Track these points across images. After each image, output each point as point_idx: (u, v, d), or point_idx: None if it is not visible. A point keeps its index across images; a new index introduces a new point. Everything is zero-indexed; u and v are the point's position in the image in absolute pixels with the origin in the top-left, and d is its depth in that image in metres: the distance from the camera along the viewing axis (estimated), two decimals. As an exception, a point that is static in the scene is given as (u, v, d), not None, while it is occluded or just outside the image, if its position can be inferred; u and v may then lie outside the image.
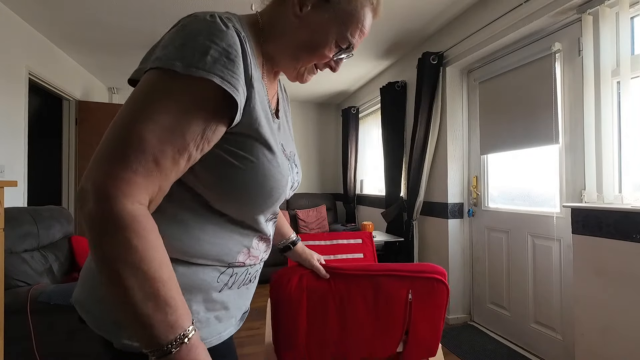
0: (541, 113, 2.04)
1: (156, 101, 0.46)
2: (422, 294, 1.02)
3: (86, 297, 0.58)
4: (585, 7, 1.75)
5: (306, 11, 0.59)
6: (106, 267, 0.43)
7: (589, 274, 1.55)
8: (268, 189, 0.57)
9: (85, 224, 0.43)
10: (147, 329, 0.43)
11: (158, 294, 0.44)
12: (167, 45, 0.48)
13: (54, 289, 1.68)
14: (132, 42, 2.99)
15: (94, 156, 0.45)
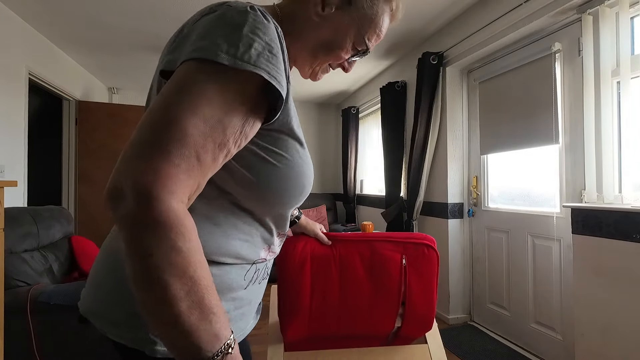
0: (541, 113, 2.04)
1: (199, 94, 0.42)
2: (414, 258, 1.10)
3: (107, 306, 0.55)
4: (585, 7, 1.75)
5: (328, 12, 0.59)
6: (149, 275, 0.38)
7: (589, 274, 1.55)
8: (301, 185, 0.56)
9: (123, 225, 0.39)
10: (192, 341, 0.39)
11: (203, 301, 0.40)
12: (206, 35, 0.45)
13: (54, 289, 1.68)
14: (132, 42, 2.99)
15: (127, 152, 0.40)
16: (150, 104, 0.44)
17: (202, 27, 0.46)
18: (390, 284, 1.10)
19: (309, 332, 1.11)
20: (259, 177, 0.52)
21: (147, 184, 0.38)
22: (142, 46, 3.08)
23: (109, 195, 0.40)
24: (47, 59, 2.93)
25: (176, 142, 0.40)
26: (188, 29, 0.49)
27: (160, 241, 0.38)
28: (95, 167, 3.56)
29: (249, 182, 0.52)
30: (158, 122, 0.41)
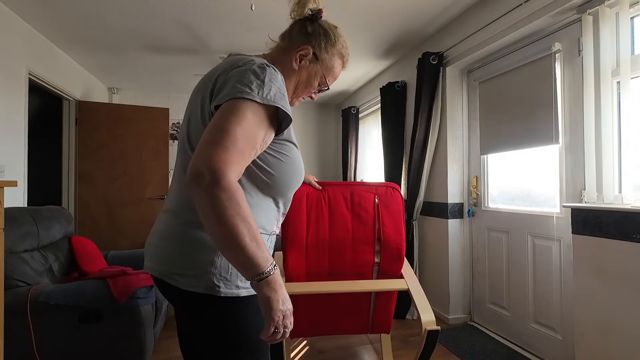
0: (541, 113, 2.04)
1: (243, 117, 0.67)
2: (384, 197, 1.47)
3: (180, 266, 0.75)
4: (585, 7, 1.75)
5: (304, 64, 0.89)
6: (227, 220, 0.62)
7: (589, 274, 1.55)
8: (299, 174, 0.84)
9: (206, 194, 0.61)
10: (254, 262, 0.64)
11: (257, 237, 0.65)
12: (242, 82, 0.70)
13: (54, 289, 1.68)
14: (132, 42, 2.99)
15: (201, 149, 0.63)
16: (211, 123, 0.68)
17: (237, 76, 0.72)
18: (367, 218, 1.43)
19: (306, 266, 1.38)
20: (275, 170, 0.79)
21: (217, 166, 0.61)
22: (142, 46, 3.08)
23: (193, 176, 0.61)
24: (47, 59, 2.93)
25: (231, 143, 0.64)
26: (224, 77, 0.74)
27: (231, 199, 0.62)
28: (95, 167, 3.56)
29: (270, 174, 0.78)
30: (220, 132, 0.65)
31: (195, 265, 0.74)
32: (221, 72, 0.76)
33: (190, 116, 0.80)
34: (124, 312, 1.71)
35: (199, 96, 0.79)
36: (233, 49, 3.15)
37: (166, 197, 0.87)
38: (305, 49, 0.88)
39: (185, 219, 0.77)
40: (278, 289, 0.67)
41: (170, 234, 0.78)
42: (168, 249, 0.77)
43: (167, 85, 4.33)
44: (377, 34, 2.86)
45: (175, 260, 0.76)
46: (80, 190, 3.51)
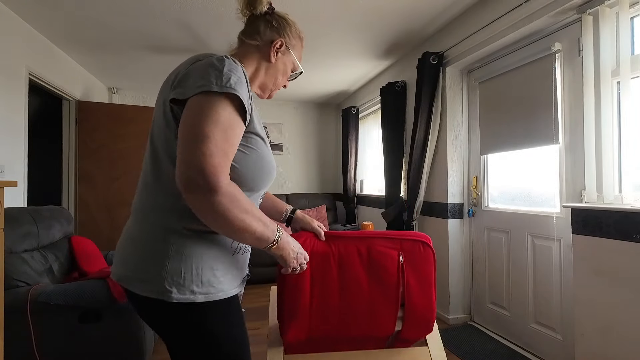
0: (541, 113, 2.04)
1: (217, 117, 0.68)
2: (411, 255, 1.12)
3: (136, 270, 0.74)
4: (585, 7, 1.75)
5: (279, 56, 0.94)
6: (235, 217, 0.67)
7: (589, 274, 1.55)
8: (267, 169, 0.82)
9: (205, 200, 0.64)
10: (264, 238, 0.74)
11: (261, 218, 0.73)
12: (201, 76, 0.70)
13: (54, 289, 1.68)
14: (132, 42, 2.99)
15: (187, 158, 0.64)
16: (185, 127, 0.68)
17: (197, 71, 0.72)
18: (389, 281, 1.10)
19: (309, 333, 1.10)
20: (239, 163, 0.75)
21: (209, 172, 0.63)
22: (142, 46, 3.08)
23: (188, 187, 0.64)
24: (47, 59, 2.93)
25: (215, 146, 0.65)
26: (184, 71, 0.74)
27: (232, 201, 0.66)
28: (95, 167, 3.56)
29: (234, 168, 0.74)
30: (199, 137, 0.65)
31: (148, 269, 0.73)
32: (182, 67, 0.76)
33: (154, 117, 0.81)
34: (124, 312, 1.71)
35: (160, 98, 0.79)
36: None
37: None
38: (280, 42, 0.92)
39: (140, 223, 0.77)
40: (286, 247, 0.83)
41: (131, 235, 0.78)
42: (126, 251, 0.77)
43: (167, 85, 4.33)
44: (377, 34, 2.86)
45: (132, 263, 0.75)
46: (80, 190, 3.51)
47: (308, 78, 4.04)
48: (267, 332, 1.24)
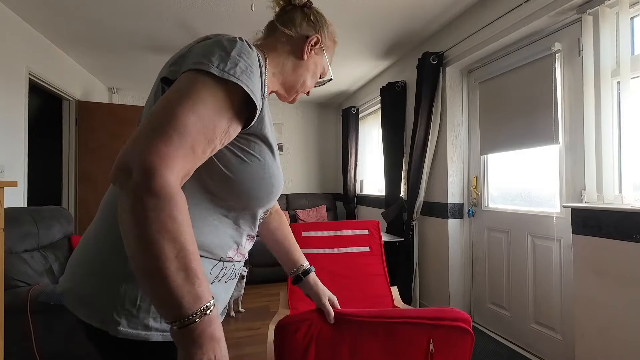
0: (541, 113, 2.04)
1: (196, 97, 0.52)
2: (444, 344, 0.90)
3: (81, 287, 0.59)
4: (585, 7, 1.75)
5: (312, 54, 0.79)
6: (146, 237, 0.45)
7: (589, 274, 1.55)
8: (270, 184, 0.65)
9: (129, 195, 0.46)
10: (176, 299, 0.46)
11: (190, 265, 0.47)
12: (203, 54, 0.56)
13: (54, 289, 1.68)
14: (132, 42, 2.99)
15: (136, 136, 0.48)
16: (156, 103, 0.53)
17: (200, 49, 0.58)
18: None
19: None
20: (235, 173, 0.61)
21: (152, 162, 0.46)
22: (142, 46, 3.08)
23: (118, 170, 0.46)
24: (47, 59, 2.93)
25: (177, 133, 0.48)
26: (186, 50, 0.60)
27: (160, 209, 0.45)
28: (95, 167, 3.56)
29: (227, 178, 0.60)
30: (164, 116, 0.50)
31: (94, 290, 0.58)
32: (185, 47, 0.62)
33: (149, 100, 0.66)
34: (124, 312, 1.71)
35: (155, 83, 0.64)
36: (233, 49, 3.15)
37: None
38: (316, 38, 0.78)
39: (104, 224, 0.61)
40: (206, 343, 0.48)
41: (84, 245, 0.63)
42: (77, 264, 0.62)
43: (167, 85, 4.33)
44: (377, 34, 2.86)
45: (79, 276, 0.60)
46: (80, 190, 3.51)
47: (308, 78, 4.04)
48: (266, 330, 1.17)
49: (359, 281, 1.80)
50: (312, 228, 1.88)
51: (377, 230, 1.91)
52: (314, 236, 1.86)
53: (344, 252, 1.85)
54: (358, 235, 1.89)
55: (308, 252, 1.83)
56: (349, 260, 1.84)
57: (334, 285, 1.76)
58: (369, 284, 1.79)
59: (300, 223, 1.90)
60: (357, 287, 1.78)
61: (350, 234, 1.89)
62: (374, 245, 1.88)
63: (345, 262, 1.83)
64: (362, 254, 1.86)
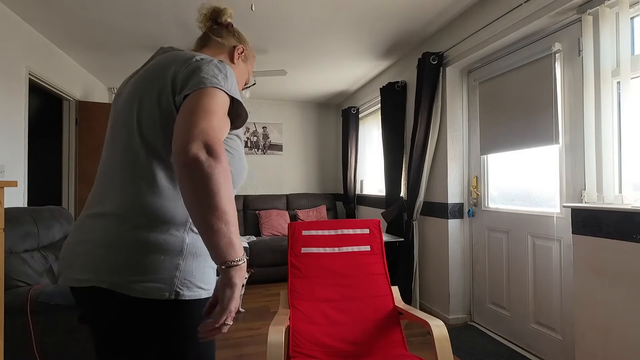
0: (541, 113, 2.04)
1: (222, 104, 0.72)
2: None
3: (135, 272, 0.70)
4: (585, 7, 1.75)
5: (239, 61, 1.02)
6: (221, 199, 0.63)
7: (589, 274, 1.55)
8: (244, 170, 0.89)
9: (203, 172, 0.62)
10: (235, 246, 0.66)
11: (236, 223, 0.67)
12: (210, 74, 0.74)
13: (54, 289, 1.68)
14: (132, 42, 2.99)
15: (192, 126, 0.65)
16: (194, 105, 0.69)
17: (203, 67, 0.75)
18: None
19: None
20: (230, 165, 0.78)
21: (215, 143, 0.65)
22: (142, 46, 3.08)
23: (191, 154, 0.62)
24: (47, 59, 2.93)
25: (218, 124, 0.69)
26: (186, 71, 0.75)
27: (227, 179, 0.65)
28: (95, 167, 3.56)
29: None
30: (209, 113, 0.68)
31: (157, 270, 0.70)
32: (177, 65, 0.77)
33: (141, 105, 0.76)
34: (124, 312, 1.71)
35: (152, 86, 0.77)
36: (233, 49, 3.15)
37: (95, 198, 0.78)
38: (241, 48, 1.00)
39: (135, 223, 0.71)
40: (237, 275, 0.67)
41: (119, 240, 0.70)
42: (119, 257, 0.70)
43: (167, 85, 4.33)
44: (377, 34, 2.86)
45: (129, 267, 0.69)
46: (80, 190, 3.51)
47: (308, 78, 4.04)
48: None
49: (360, 280, 1.80)
50: (313, 227, 1.88)
51: (377, 229, 1.91)
52: (314, 235, 1.86)
53: (344, 252, 1.85)
54: (359, 234, 1.89)
55: (309, 251, 1.84)
56: (350, 259, 1.85)
57: (335, 284, 1.77)
58: (370, 284, 1.80)
59: (300, 222, 1.90)
60: (358, 286, 1.78)
61: (351, 233, 1.89)
62: (375, 244, 1.88)
63: (346, 261, 1.84)
64: (363, 253, 1.86)
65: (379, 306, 1.73)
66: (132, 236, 0.70)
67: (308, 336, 1.58)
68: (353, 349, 1.57)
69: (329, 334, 1.60)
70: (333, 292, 1.76)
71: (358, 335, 1.63)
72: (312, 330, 1.61)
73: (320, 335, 1.59)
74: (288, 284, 1.78)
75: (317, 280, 1.78)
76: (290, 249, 1.84)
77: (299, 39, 2.94)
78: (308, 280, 1.78)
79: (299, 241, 1.85)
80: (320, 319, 1.66)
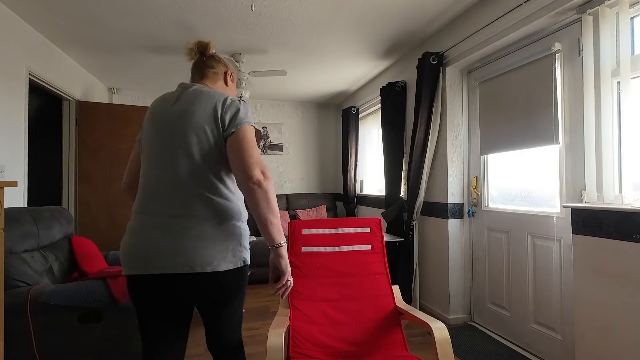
0: (541, 113, 2.04)
1: (254, 139, 1.09)
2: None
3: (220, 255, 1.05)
4: (585, 7, 1.75)
5: (231, 84, 1.31)
6: (274, 207, 1.04)
7: (589, 274, 1.55)
8: None
9: (264, 191, 1.02)
10: (282, 233, 1.08)
11: (280, 221, 1.08)
12: (244, 114, 1.10)
13: (54, 289, 1.68)
14: (132, 42, 2.99)
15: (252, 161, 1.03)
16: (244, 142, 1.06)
17: (239, 109, 1.10)
18: None
19: None
20: None
21: (265, 172, 1.04)
22: (142, 46, 3.08)
23: (257, 176, 1.01)
24: (47, 59, 2.93)
25: (258, 153, 1.05)
26: (225, 109, 1.09)
27: (274, 193, 1.03)
28: (95, 167, 3.56)
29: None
30: (254, 150, 1.06)
31: (234, 251, 1.08)
32: (219, 104, 1.09)
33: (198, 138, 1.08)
34: (124, 312, 1.71)
35: (202, 123, 1.07)
36: (233, 49, 3.15)
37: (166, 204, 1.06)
38: (231, 72, 1.29)
39: (218, 220, 1.07)
40: (284, 252, 1.11)
41: (209, 234, 1.05)
42: (211, 247, 1.04)
43: (167, 85, 4.33)
44: (377, 34, 2.86)
45: (217, 252, 1.05)
46: (80, 190, 3.51)
47: (308, 78, 4.04)
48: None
49: (361, 280, 1.79)
50: (313, 226, 1.87)
51: (378, 227, 1.90)
52: (315, 234, 1.86)
53: (345, 251, 1.85)
54: (359, 232, 1.88)
55: (309, 250, 1.84)
56: (351, 258, 1.84)
57: (335, 284, 1.76)
58: (371, 283, 1.79)
59: (300, 220, 1.89)
60: (359, 286, 1.78)
61: (352, 231, 1.88)
62: (376, 243, 1.87)
63: (346, 261, 1.83)
64: (363, 252, 1.85)
65: (380, 306, 1.72)
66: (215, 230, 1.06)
67: (308, 336, 1.57)
68: (353, 349, 1.57)
69: (329, 334, 1.60)
70: (333, 291, 1.75)
71: (358, 335, 1.62)
72: (312, 330, 1.60)
73: (320, 335, 1.59)
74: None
75: (318, 279, 1.77)
76: (290, 248, 1.83)
77: (299, 39, 2.94)
78: (308, 280, 1.77)
79: (299, 240, 1.84)
80: (320, 318, 1.66)
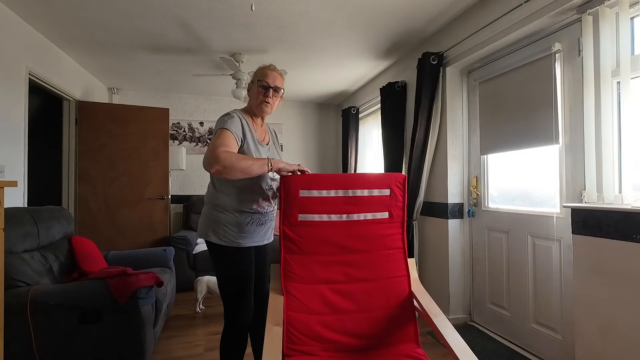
0: (541, 113, 2.04)
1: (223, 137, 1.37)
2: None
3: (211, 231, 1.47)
4: (585, 7, 1.75)
5: (250, 91, 1.57)
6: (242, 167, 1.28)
7: (589, 274, 1.55)
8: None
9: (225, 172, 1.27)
10: (262, 167, 1.33)
11: (250, 159, 1.34)
12: (219, 122, 1.41)
13: (54, 289, 1.68)
14: (132, 42, 2.99)
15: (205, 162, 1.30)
16: (212, 141, 1.35)
17: (218, 120, 1.44)
18: None
19: None
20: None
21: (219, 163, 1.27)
22: (142, 46, 3.08)
23: (210, 166, 1.27)
24: (47, 59, 2.93)
25: (211, 155, 1.29)
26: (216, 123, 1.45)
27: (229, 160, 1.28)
28: (95, 167, 3.56)
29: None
30: (214, 145, 1.32)
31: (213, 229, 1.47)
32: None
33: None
34: (124, 312, 1.71)
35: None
36: (233, 49, 3.15)
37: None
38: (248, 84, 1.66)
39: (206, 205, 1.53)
40: (279, 164, 1.35)
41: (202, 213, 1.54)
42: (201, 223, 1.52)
43: (167, 85, 4.33)
44: (377, 34, 2.86)
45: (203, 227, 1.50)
46: (80, 190, 3.51)
47: (308, 78, 4.04)
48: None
49: (372, 257, 1.43)
50: (314, 185, 1.38)
51: (401, 189, 1.43)
52: (316, 197, 1.38)
53: (354, 220, 1.41)
54: (376, 196, 1.41)
55: (308, 219, 1.40)
56: (362, 229, 1.42)
57: (339, 262, 1.42)
58: (384, 261, 1.43)
59: (297, 176, 1.40)
60: (369, 264, 1.43)
61: (367, 194, 1.40)
62: (396, 210, 1.43)
63: (356, 233, 1.42)
64: (378, 222, 1.43)
65: (392, 290, 1.42)
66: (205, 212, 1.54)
67: (305, 329, 1.33)
68: (358, 343, 1.35)
69: (329, 325, 1.35)
70: (337, 271, 1.40)
71: (364, 326, 1.37)
72: (310, 321, 1.34)
73: (319, 327, 1.34)
74: (281, 262, 1.42)
75: (317, 257, 1.41)
76: (282, 216, 1.39)
77: (299, 39, 2.94)
78: (306, 258, 1.40)
79: (294, 205, 1.39)
80: (319, 306, 1.37)
